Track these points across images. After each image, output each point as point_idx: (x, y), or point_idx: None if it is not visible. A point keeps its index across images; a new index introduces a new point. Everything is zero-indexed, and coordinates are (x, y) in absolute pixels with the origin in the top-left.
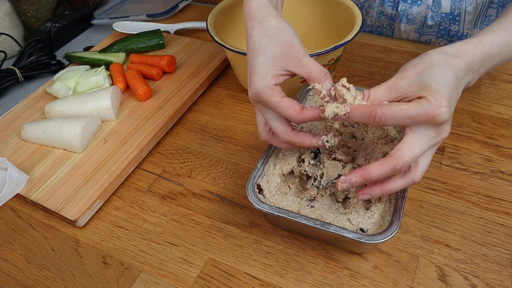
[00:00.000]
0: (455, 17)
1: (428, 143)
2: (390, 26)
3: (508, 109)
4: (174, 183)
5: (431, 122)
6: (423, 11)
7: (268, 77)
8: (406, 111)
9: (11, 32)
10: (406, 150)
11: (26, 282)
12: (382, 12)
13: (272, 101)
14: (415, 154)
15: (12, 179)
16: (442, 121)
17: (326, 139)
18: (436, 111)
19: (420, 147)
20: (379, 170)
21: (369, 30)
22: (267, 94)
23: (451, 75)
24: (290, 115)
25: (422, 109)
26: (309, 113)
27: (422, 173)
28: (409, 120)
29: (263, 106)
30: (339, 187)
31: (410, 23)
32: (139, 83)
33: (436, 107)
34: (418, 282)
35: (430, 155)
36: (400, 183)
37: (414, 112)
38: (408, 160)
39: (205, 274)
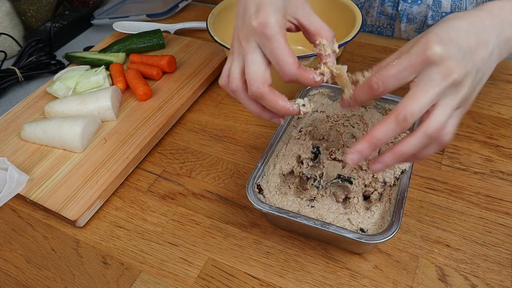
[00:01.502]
0: None
1: (434, 88)
2: (390, 26)
3: (508, 109)
4: (174, 183)
5: (426, 62)
6: (424, 11)
7: (281, 12)
8: (398, 64)
9: (11, 32)
10: (407, 100)
11: (26, 282)
12: (382, 12)
13: (278, 39)
14: (421, 104)
15: (12, 179)
16: (434, 56)
17: (303, 103)
18: (424, 48)
19: (427, 93)
20: (384, 129)
21: (369, 30)
22: (276, 29)
23: (461, 22)
24: (287, 64)
25: (412, 54)
26: (306, 74)
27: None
28: (405, 72)
29: (259, 42)
30: (349, 161)
31: (411, 22)
32: (139, 83)
33: (424, 44)
34: (418, 282)
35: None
36: (413, 141)
37: (406, 61)
38: (413, 110)
39: (205, 274)
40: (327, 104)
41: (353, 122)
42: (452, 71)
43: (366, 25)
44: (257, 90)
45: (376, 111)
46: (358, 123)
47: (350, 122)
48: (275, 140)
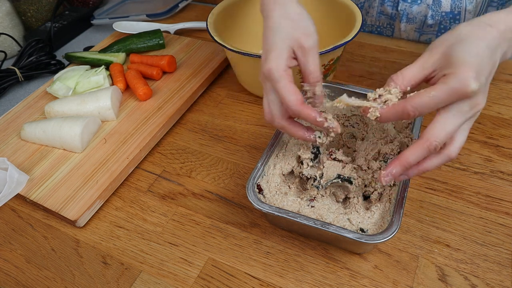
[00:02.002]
0: (455, 16)
1: (462, 118)
2: (390, 26)
3: (508, 109)
4: (174, 183)
5: (462, 97)
6: (423, 10)
7: (283, 56)
8: (435, 96)
9: (11, 32)
10: (437, 129)
11: (26, 282)
12: (382, 12)
13: (281, 81)
14: (447, 132)
15: (12, 179)
16: (472, 93)
17: (319, 135)
18: (464, 85)
19: (454, 123)
20: (415, 154)
21: (369, 30)
22: (278, 73)
23: (482, 45)
24: (290, 101)
25: (449, 89)
26: (307, 111)
27: (459, 149)
28: (442, 103)
29: (270, 84)
30: (383, 182)
31: (410, 22)
32: (139, 83)
33: (463, 80)
34: (418, 282)
35: (466, 129)
36: (436, 161)
37: (443, 95)
38: (442, 139)
39: (205, 274)
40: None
41: (353, 122)
42: (479, 103)
43: (366, 25)
44: (279, 125)
45: None
46: (358, 123)
47: (350, 122)
48: (275, 140)
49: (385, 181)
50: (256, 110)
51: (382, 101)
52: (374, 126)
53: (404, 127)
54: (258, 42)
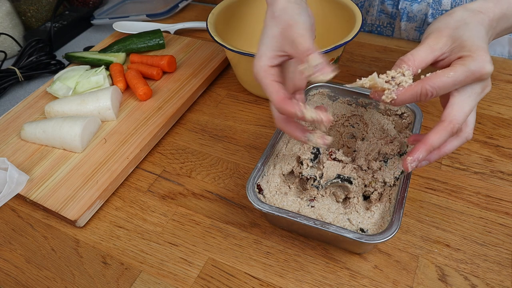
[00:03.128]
0: None
1: (476, 99)
2: (390, 25)
3: (508, 109)
4: (174, 183)
5: (479, 79)
6: (424, 9)
7: (264, 58)
8: (454, 77)
9: (11, 32)
10: (457, 111)
11: (26, 282)
12: (383, 11)
13: (263, 82)
14: (466, 113)
15: (12, 179)
16: (487, 75)
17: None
18: (483, 68)
19: (470, 104)
20: (440, 137)
21: (369, 29)
22: (260, 75)
23: (482, 30)
24: (272, 100)
25: (469, 71)
26: (286, 107)
27: (472, 129)
28: (459, 84)
29: None
30: (409, 168)
31: (411, 21)
32: (139, 83)
33: (482, 63)
34: (418, 282)
35: (475, 110)
36: (456, 143)
37: (463, 76)
38: (462, 120)
39: (205, 274)
40: (327, 104)
41: (353, 122)
42: (488, 85)
43: (366, 24)
44: (278, 125)
45: (376, 111)
46: (358, 123)
47: (350, 122)
48: (275, 140)
49: (411, 167)
50: (256, 110)
51: (397, 83)
52: (374, 126)
53: (404, 127)
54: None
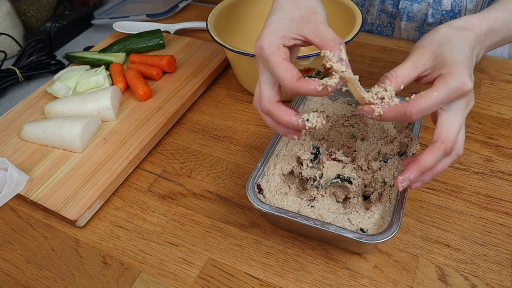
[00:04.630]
0: (455, 15)
1: (463, 114)
2: (390, 25)
3: (508, 109)
4: (174, 183)
5: (461, 95)
6: (424, 9)
7: (278, 33)
8: (438, 97)
9: (11, 32)
10: (448, 129)
11: (26, 282)
12: (383, 10)
13: (272, 58)
14: (456, 130)
15: (12, 179)
16: (469, 91)
17: (307, 118)
18: (464, 84)
19: (458, 121)
20: (433, 158)
21: (369, 29)
22: (270, 50)
23: (466, 46)
24: (285, 79)
25: (451, 88)
26: (306, 85)
27: (463, 145)
28: (443, 103)
29: (263, 64)
30: (400, 188)
31: (411, 21)
32: (139, 83)
33: (462, 79)
34: (418, 282)
35: (464, 126)
36: (448, 161)
37: (445, 94)
38: (453, 138)
39: (205, 274)
40: (327, 104)
41: (353, 122)
42: (471, 99)
43: (367, 24)
44: (264, 107)
45: None
46: (358, 123)
47: (350, 122)
48: (275, 140)
49: (402, 187)
50: (256, 110)
51: (379, 97)
52: (374, 126)
53: (404, 127)
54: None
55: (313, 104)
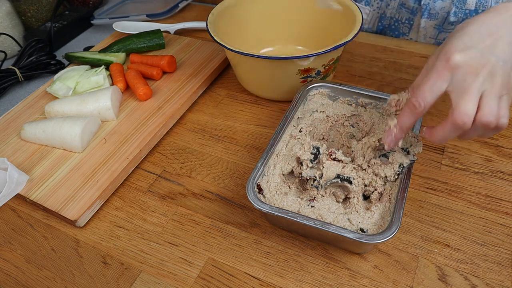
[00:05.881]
0: None
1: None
2: (408, 22)
3: None
4: (174, 183)
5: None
6: (447, 6)
7: None
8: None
9: (11, 32)
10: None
11: (26, 282)
12: (404, 4)
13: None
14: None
15: (12, 179)
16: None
17: None
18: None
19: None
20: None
21: (386, 24)
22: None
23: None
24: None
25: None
26: None
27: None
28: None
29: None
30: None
31: (432, 18)
32: (139, 83)
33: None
34: (418, 282)
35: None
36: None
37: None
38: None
39: (205, 274)
40: (327, 104)
41: (353, 122)
42: (478, 67)
43: (385, 18)
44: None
45: (376, 111)
46: (358, 123)
47: (350, 122)
48: (275, 140)
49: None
50: (256, 110)
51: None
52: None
53: None
54: (258, 42)
55: (313, 104)
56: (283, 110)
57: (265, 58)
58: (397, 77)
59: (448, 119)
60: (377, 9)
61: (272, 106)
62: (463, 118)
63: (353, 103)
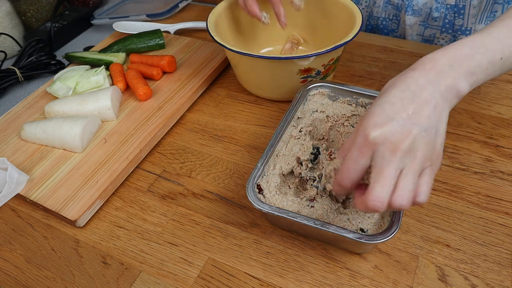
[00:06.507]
0: (460, 10)
1: (390, 165)
2: (396, 18)
3: (508, 109)
4: (174, 183)
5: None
6: (429, 2)
7: None
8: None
9: (11, 32)
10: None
11: (26, 282)
12: (389, 2)
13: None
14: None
15: (12, 179)
16: (376, 140)
17: (264, 15)
18: (364, 135)
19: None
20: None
21: (374, 23)
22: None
23: (394, 92)
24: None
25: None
26: None
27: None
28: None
29: None
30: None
31: (416, 14)
32: (139, 83)
33: (363, 131)
34: (418, 282)
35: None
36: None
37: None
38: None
39: (205, 274)
40: (327, 104)
41: (353, 122)
42: (397, 143)
43: (372, 18)
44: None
45: None
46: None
47: (350, 122)
48: (275, 140)
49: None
50: (256, 110)
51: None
52: None
53: None
54: (258, 42)
55: (313, 104)
56: (283, 110)
57: (265, 58)
58: None
59: (364, 200)
60: (365, 8)
61: (272, 106)
62: (374, 204)
63: (353, 103)
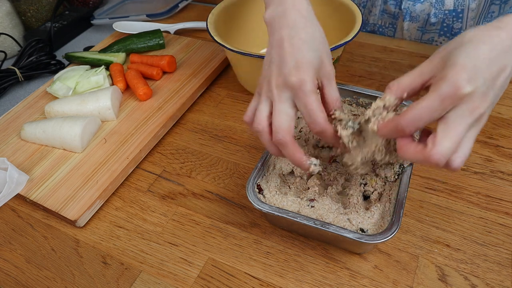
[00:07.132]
0: (458, 14)
1: (463, 125)
2: (392, 25)
3: (508, 109)
4: (174, 183)
5: (456, 101)
6: (427, 9)
7: (316, 73)
8: (427, 107)
9: (11, 32)
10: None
11: (26, 282)
12: (385, 11)
13: (312, 96)
14: (452, 141)
15: (12, 179)
16: (465, 96)
17: (314, 162)
18: (456, 88)
19: (456, 132)
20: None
21: (371, 29)
22: (312, 87)
23: (483, 48)
24: (320, 117)
25: (440, 95)
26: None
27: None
28: (436, 113)
29: (294, 95)
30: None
31: (413, 21)
32: (139, 83)
33: (455, 83)
34: (418, 282)
35: (470, 137)
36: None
37: (435, 103)
38: (447, 150)
39: (205, 274)
40: None
41: None
42: (478, 106)
43: (368, 25)
44: (282, 139)
45: None
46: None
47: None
48: None
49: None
50: None
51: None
52: None
53: None
54: (258, 42)
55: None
56: None
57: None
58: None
59: (425, 150)
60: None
61: None
62: (439, 158)
63: (353, 103)
